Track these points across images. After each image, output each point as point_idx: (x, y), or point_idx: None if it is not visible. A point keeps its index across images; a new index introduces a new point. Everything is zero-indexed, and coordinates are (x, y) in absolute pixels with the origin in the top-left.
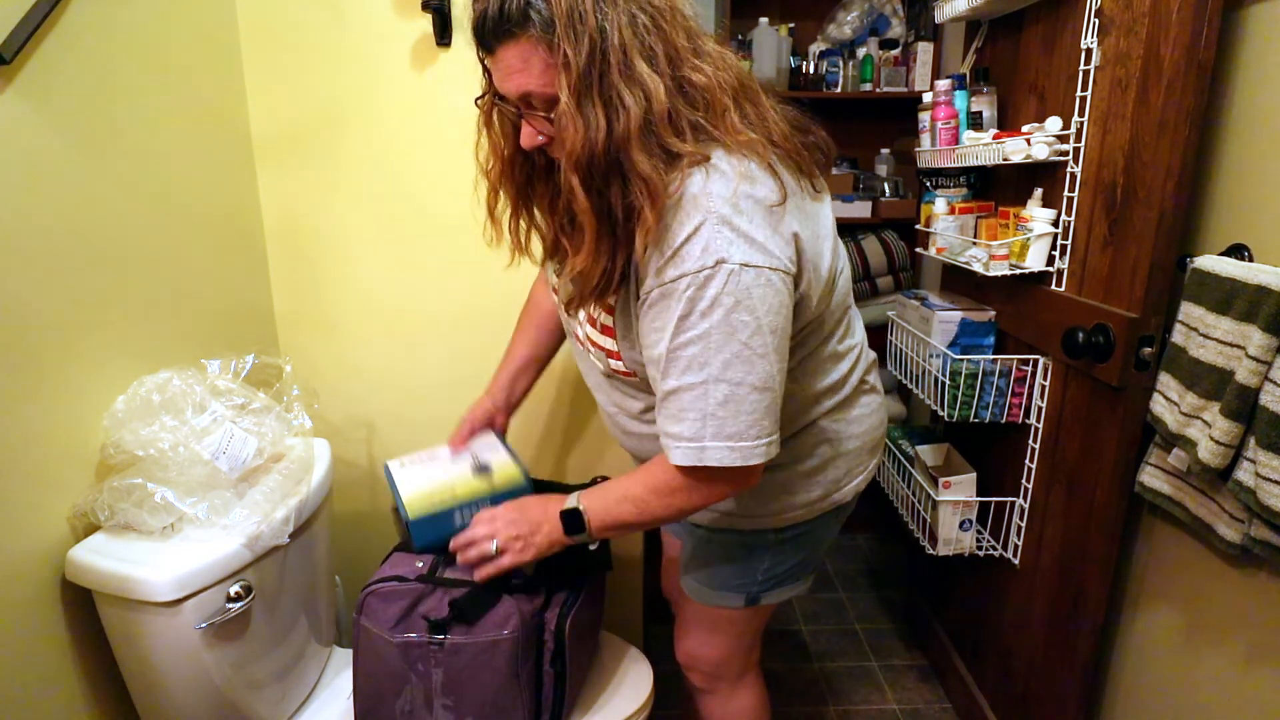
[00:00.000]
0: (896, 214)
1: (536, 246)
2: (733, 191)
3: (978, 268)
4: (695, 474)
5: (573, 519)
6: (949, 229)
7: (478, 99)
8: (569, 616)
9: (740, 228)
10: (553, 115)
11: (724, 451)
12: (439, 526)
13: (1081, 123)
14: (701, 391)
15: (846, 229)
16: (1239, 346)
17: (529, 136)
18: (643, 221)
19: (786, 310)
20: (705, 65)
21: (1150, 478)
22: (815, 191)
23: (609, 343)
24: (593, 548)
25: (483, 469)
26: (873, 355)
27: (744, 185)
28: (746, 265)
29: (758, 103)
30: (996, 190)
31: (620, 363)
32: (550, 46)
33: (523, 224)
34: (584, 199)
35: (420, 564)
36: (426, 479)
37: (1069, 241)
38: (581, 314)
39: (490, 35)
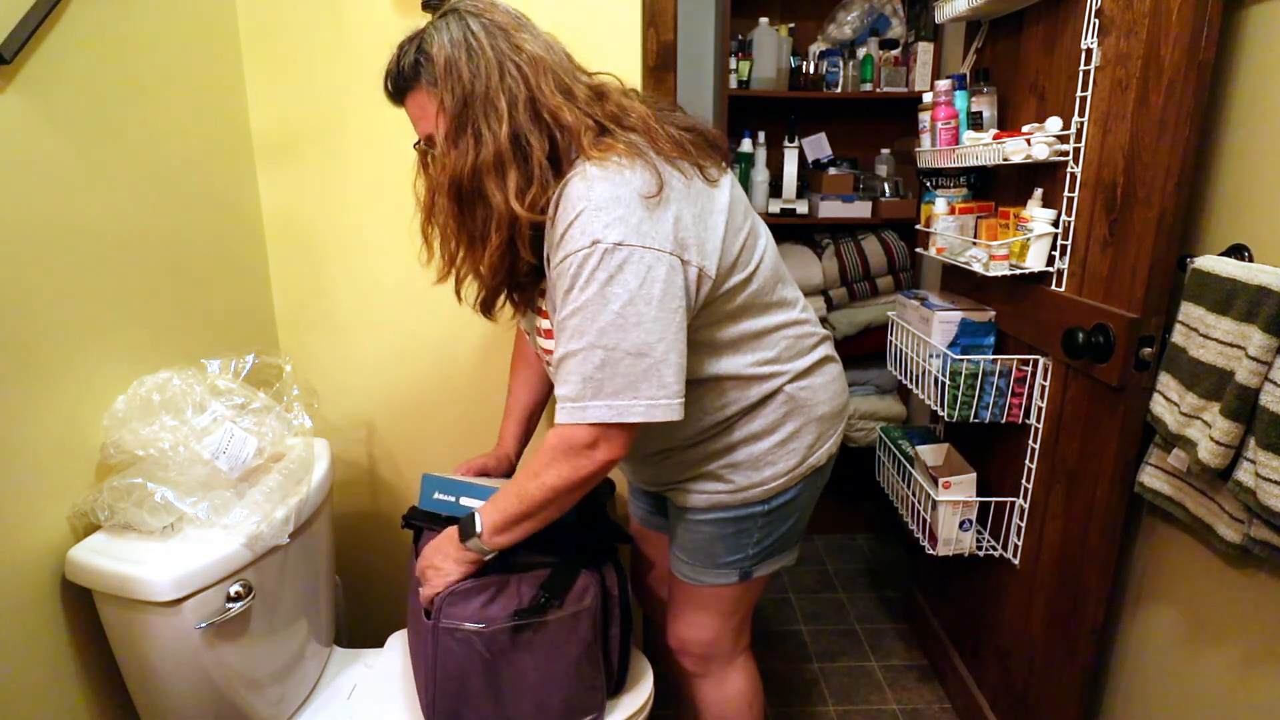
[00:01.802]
0: (896, 214)
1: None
2: (606, 187)
3: (978, 268)
4: (573, 440)
5: (467, 524)
6: (949, 229)
7: (415, 144)
8: (625, 582)
9: (613, 213)
10: None
11: (602, 409)
12: None
13: (1082, 123)
14: (583, 357)
15: (846, 229)
16: (1239, 347)
17: None
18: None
19: (664, 285)
20: (569, 102)
21: (1150, 478)
22: (708, 179)
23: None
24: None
25: None
26: (824, 331)
27: (615, 183)
28: (620, 245)
29: (639, 117)
30: (996, 190)
31: None
32: (438, 96)
33: (452, 248)
34: (452, 220)
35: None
36: (490, 484)
37: (1069, 241)
38: (536, 326)
39: (395, 91)
